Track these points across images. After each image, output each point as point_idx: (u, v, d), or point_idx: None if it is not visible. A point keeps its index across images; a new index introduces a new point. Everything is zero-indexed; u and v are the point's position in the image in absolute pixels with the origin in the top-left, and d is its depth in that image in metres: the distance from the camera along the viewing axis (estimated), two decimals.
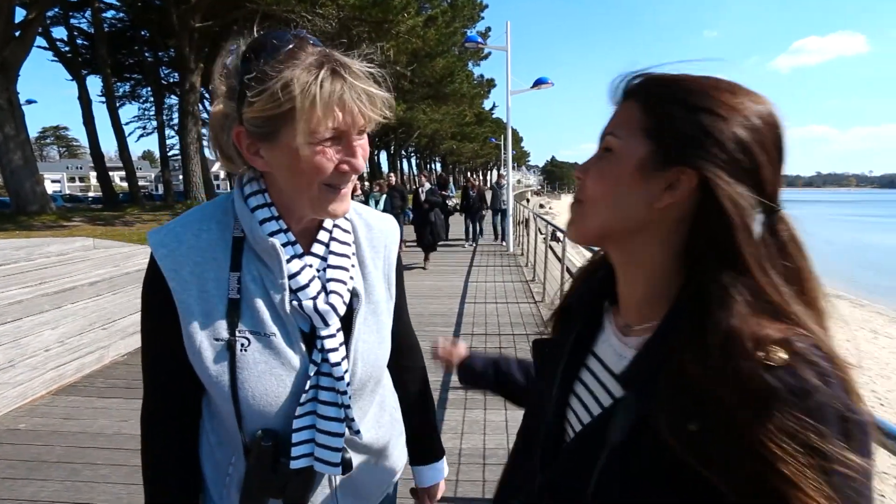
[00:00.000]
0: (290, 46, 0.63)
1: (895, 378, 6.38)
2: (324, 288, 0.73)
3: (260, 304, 0.70)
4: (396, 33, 14.38)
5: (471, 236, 11.33)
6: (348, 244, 0.79)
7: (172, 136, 24.27)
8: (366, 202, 9.77)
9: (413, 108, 23.94)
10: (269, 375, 0.70)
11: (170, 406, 0.77)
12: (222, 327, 0.69)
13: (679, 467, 0.43)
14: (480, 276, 7.84)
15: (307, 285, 0.71)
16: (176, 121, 19.40)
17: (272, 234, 0.70)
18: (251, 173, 0.74)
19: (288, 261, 0.70)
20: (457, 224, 11.71)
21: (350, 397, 0.73)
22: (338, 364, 0.72)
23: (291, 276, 0.70)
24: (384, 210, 9.19)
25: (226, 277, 0.70)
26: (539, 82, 8.99)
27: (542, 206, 46.28)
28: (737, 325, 0.42)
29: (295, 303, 0.70)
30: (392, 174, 11.72)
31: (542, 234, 8.19)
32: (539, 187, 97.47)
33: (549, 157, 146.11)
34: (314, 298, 0.71)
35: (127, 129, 19.93)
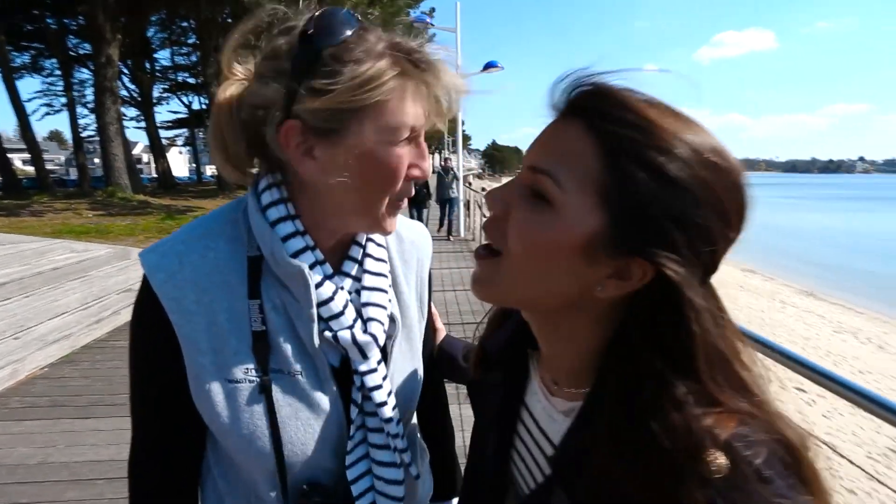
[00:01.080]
0: (357, 29, 0.54)
1: (800, 343, 7.06)
2: (359, 314, 0.64)
3: (284, 337, 0.60)
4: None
5: None
6: (384, 261, 0.69)
7: (86, 115, 21.97)
8: None
9: None
10: (301, 420, 0.61)
11: (166, 452, 0.64)
12: (241, 366, 0.58)
13: None
14: (433, 262, 7.74)
15: (341, 313, 0.61)
16: (89, 98, 17.60)
17: (297, 253, 0.59)
18: (269, 179, 0.61)
19: (317, 285, 0.59)
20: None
21: (403, 438, 0.67)
22: (384, 403, 0.64)
23: (322, 303, 0.60)
24: None
25: (243, 307, 0.59)
26: (489, 66, 8.90)
27: (484, 189, 47.23)
28: (677, 434, 0.37)
29: (327, 334, 0.60)
30: None
31: (484, 217, 8.24)
32: (481, 171, 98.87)
33: (489, 141, 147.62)
34: (350, 328, 0.62)
35: (29, 107, 17.79)
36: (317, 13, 0.54)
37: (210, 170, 41.55)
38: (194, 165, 42.17)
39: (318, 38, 0.52)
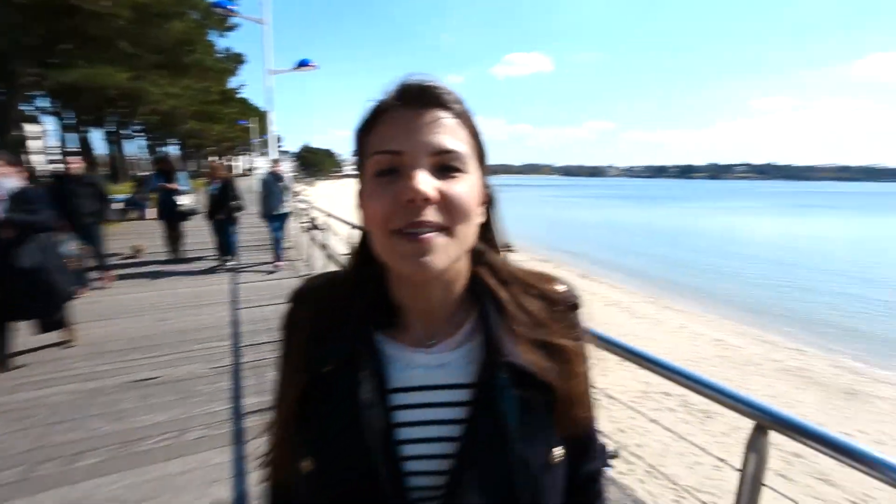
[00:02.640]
0: None
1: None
2: None
3: None
4: None
5: (224, 250, 7.53)
6: None
7: None
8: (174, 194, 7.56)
9: (141, 77, 19.48)
10: None
11: None
12: None
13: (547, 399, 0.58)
14: (249, 275, 7.05)
15: None
16: None
17: None
18: None
19: None
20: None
21: None
22: None
23: None
24: (215, 208, 7.27)
25: None
26: (302, 64, 8.37)
27: (296, 193, 44.84)
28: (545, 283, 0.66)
29: None
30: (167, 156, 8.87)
31: (301, 223, 7.87)
32: (294, 174, 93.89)
33: (302, 144, 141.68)
34: None
35: None
36: None
37: None
38: None
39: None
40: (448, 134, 0.55)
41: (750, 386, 7.40)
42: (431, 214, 0.53)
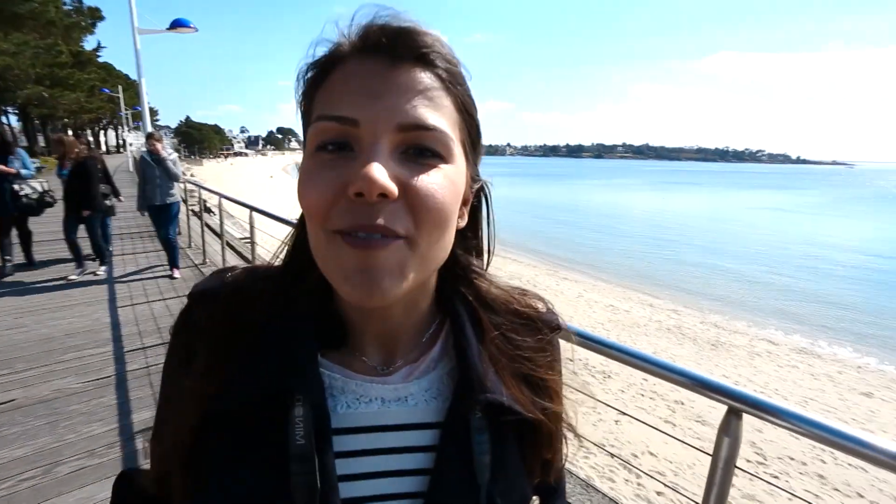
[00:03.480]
0: None
1: None
2: None
3: None
4: None
5: (96, 252, 5.74)
6: None
7: None
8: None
9: None
10: None
11: None
12: None
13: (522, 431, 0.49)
14: (128, 267, 6.16)
15: None
16: None
17: None
18: None
19: None
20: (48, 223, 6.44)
21: None
22: None
23: None
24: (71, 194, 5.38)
25: None
26: (178, 24, 7.07)
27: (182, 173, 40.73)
28: (523, 301, 0.55)
29: None
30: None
31: (190, 207, 7.05)
32: (174, 150, 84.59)
33: (182, 118, 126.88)
34: None
35: None
36: None
37: None
38: None
39: None
40: (427, 102, 0.39)
41: (636, 344, 8.24)
42: (388, 217, 0.37)
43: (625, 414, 1.87)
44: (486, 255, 0.55)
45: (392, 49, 0.40)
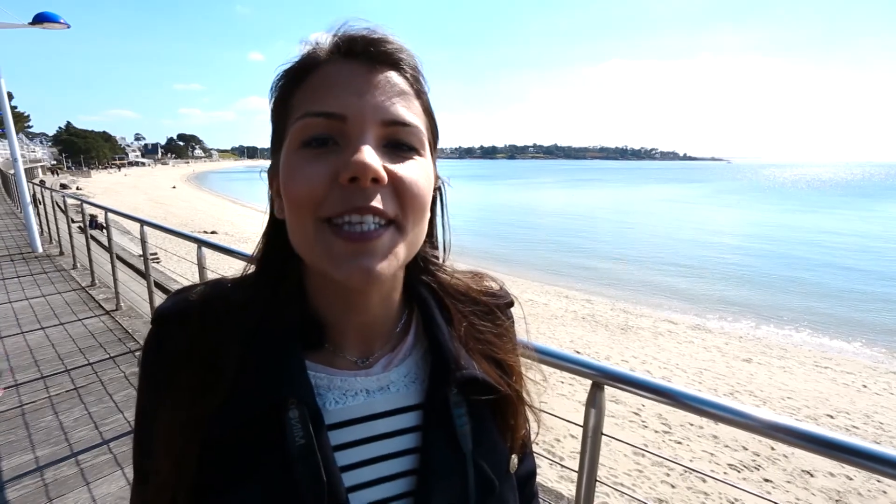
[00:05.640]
0: None
1: None
2: None
3: None
4: None
5: None
6: None
7: None
8: None
9: None
10: None
11: None
12: None
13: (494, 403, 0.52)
14: (0, 294, 5.36)
15: None
16: None
17: None
18: None
19: None
20: None
21: None
22: None
23: None
24: None
25: None
26: (44, 19, 6.08)
27: (65, 186, 36.58)
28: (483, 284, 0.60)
29: None
30: None
31: (75, 222, 6.32)
32: (54, 162, 75.42)
33: (63, 124, 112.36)
34: None
35: None
36: None
37: None
38: None
39: None
40: (404, 102, 0.44)
41: (555, 335, 8.69)
42: (380, 201, 0.41)
43: None
44: (442, 250, 0.58)
45: (371, 54, 0.44)
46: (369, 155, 0.40)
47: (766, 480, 4.50)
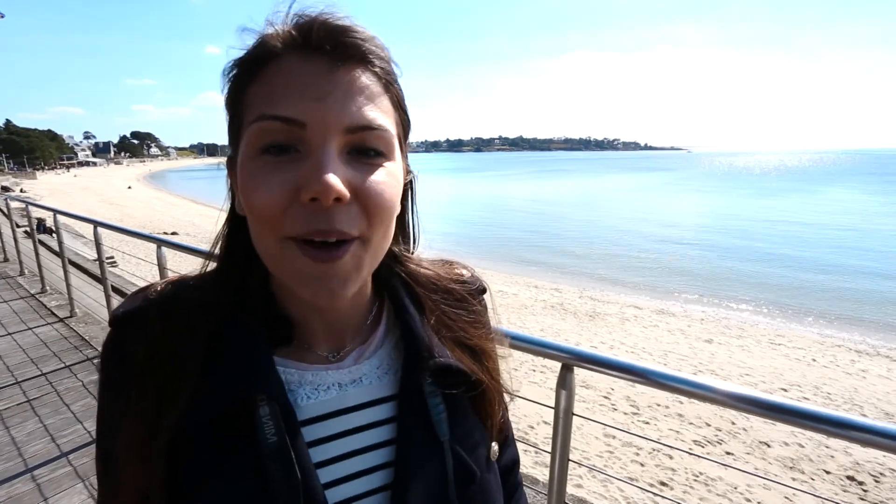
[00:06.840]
0: None
1: None
2: None
3: None
4: None
5: None
6: None
7: None
8: None
9: None
10: None
11: None
12: None
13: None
14: None
15: None
16: None
17: None
18: None
19: None
20: None
21: None
22: None
23: None
24: None
25: None
26: None
27: (6, 188, 34.52)
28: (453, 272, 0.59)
29: None
30: None
31: (20, 227, 5.97)
32: None
33: (1, 123, 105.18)
34: None
35: None
36: None
37: None
38: None
39: None
40: (370, 103, 0.40)
41: (526, 324, 8.83)
42: (343, 220, 0.38)
43: None
44: (412, 241, 0.57)
45: (333, 49, 0.40)
46: (330, 173, 0.37)
47: (728, 453, 4.73)
